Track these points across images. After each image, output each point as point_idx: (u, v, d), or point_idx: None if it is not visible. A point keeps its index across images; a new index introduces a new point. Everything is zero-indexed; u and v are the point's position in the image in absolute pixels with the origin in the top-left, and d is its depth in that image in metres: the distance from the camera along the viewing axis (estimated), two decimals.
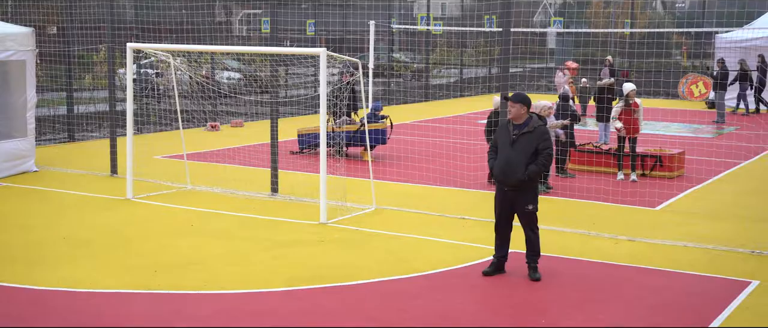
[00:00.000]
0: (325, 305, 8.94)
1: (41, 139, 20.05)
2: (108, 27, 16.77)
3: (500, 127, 10.17)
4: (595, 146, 17.46)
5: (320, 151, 12.91)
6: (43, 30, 22.25)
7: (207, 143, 20.36)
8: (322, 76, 12.85)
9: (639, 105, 15.75)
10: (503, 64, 12.95)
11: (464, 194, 14.86)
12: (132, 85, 14.72)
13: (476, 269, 10.20)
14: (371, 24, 27.50)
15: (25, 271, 10.01)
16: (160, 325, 8.25)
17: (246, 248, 11.19)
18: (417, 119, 26.37)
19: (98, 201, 14.02)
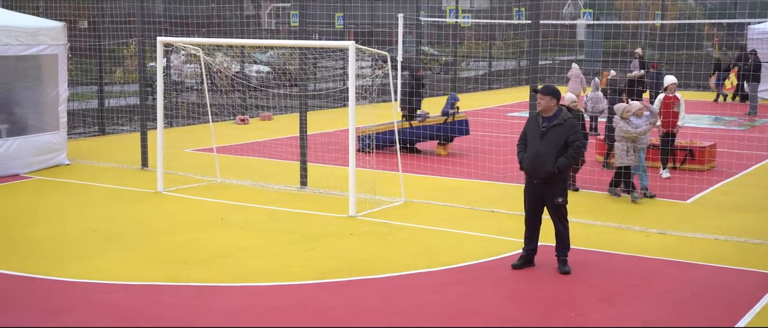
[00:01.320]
0: (354, 298, 8.96)
1: (73, 132, 20.23)
2: (138, 21, 16.88)
3: (529, 119, 10.13)
4: None
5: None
6: (74, 24, 22.44)
7: (236, 137, 20.45)
8: (351, 69, 12.85)
9: (679, 99, 15.23)
10: (533, 56, 12.90)
11: (493, 187, 14.82)
12: (162, 79, 14.80)
13: (505, 263, 10.18)
14: (400, 17, 27.46)
15: (57, 263, 10.11)
16: (191, 317, 8.30)
17: (275, 240, 11.23)
18: None
19: (129, 194, 14.13)
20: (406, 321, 8.27)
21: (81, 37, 21.95)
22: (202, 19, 25.85)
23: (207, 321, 8.20)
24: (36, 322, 8.16)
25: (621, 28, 34.09)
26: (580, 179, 14.45)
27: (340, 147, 18.18)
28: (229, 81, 22.02)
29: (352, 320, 8.32)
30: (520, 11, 36.51)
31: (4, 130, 15.81)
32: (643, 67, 24.40)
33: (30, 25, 15.90)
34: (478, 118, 24.28)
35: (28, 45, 15.73)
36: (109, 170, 16.26)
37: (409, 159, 16.24)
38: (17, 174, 15.54)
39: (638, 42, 32.76)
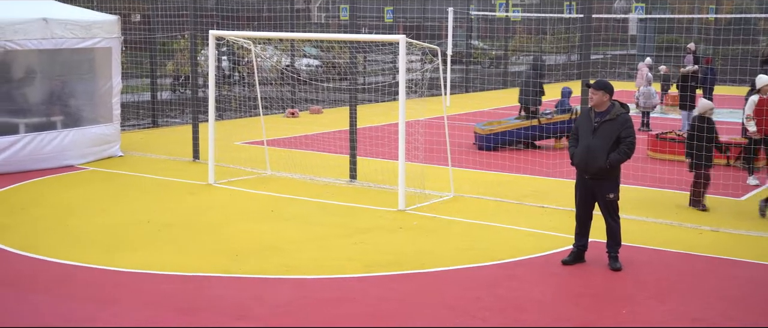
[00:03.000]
0: (403, 292, 8.97)
1: (126, 124, 20.50)
2: (191, 14, 17.04)
3: (581, 114, 10.05)
4: (677, 134, 17.14)
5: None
6: (127, 18, 22.72)
7: (286, 130, 20.56)
8: (402, 63, 12.85)
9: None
10: (584, 50, 12.78)
11: (544, 182, 14.73)
12: (214, 71, 14.93)
13: (555, 258, 10.11)
14: (450, 11, 27.39)
15: (109, 253, 10.26)
16: (242, 309, 8.37)
17: (325, 233, 11.28)
18: (495, 107, 26.21)
19: (180, 186, 14.29)
20: (455, 316, 8.26)
21: (134, 30, 22.22)
22: (253, 12, 26.03)
23: (258, 313, 8.27)
24: (88, 311, 8.29)
25: (674, 23, 33.63)
26: (632, 176, 14.29)
27: (389, 141, 18.20)
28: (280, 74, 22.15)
29: (402, 313, 8.33)
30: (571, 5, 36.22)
31: (59, 122, 16.07)
32: (696, 63, 24.06)
33: (85, 19, 16.13)
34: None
35: (83, 38, 15.95)
36: (161, 162, 16.45)
37: (458, 154, 16.19)
38: (72, 165, 15.79)
39: (691, 37, 32.30)
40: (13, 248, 10.42)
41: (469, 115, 23.97)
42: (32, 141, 15.35)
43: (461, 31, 35.13)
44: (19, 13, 15.17)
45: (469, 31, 35.48)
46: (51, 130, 15.77)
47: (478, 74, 33.71)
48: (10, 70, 15.90)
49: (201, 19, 19.50)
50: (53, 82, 16.42)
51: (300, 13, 32.47)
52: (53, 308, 8.36)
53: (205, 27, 19.63)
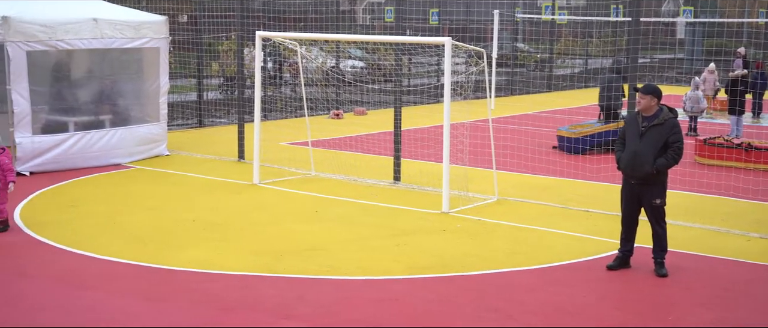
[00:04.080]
0: (446, 294, 8.96)
1: (172, 124, 20.71)
2: (238, 15, 17.18)
3: (628, 119, 9.97)
4: (725, 140, 16.93)
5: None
6: (174, 18, 22.96)
7: (330, 131, 20.64)
8: (447, 65, 12.84)
9: None
10: (632, 54, 12.68)
11: (589, 186, 14.63)
12: (260, 72, 15.04)
13: (600, 263, 10.05)
14: (495, 13, 27.31)
15: (155, 251, 10.38)
16: (286, 308, 8.43)
17: (368, 234, 11.31)
18: (540, 110, 26.08)
19: (226, 185, 14.41)
20: (498, 319, 8.24)
21: (181, 30, 22.45)
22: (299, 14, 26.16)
23: (301, 313, 8.32)
24: (135, 307, 8.40)
25: (723, 27, 33.19)
26: (679, 182, 14.13)
27: (433, 143, 18.19)
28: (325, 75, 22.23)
29: (445, 315, 8.33)
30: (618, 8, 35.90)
31: (108, 121, 16.29)
32: (746, 67, 23.75)
33: (134, 19, 16.33)
34: (574, 116, 24.01)
35: (132, 38, 16.15)
36: (207, 162, 16.60)
37: (503, 157, 16.14)
38: (119, 164, 15.99)
39: (741, 41, 31.87)
40: (63, 244, 10.59)
41: (514, 118, 23.87)
42: (81, 139, 15.58)
43: (506, 33, 34.98)
44: (70, 13, 15.41)
45: (514, 33, 35.32)
46: (99, 128, 16.00)
47: (523, 77, 33.56)
48: (60, 69, 16.17)
49: (247, 20, 19.66)
50: (102, 82, 16.66)
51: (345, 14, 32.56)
52: (101, 304, 8.48)
53: (251, 28, 19.78)
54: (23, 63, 14.60)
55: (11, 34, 14.38)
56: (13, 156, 14.68)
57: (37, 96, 15.13)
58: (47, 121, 15.57)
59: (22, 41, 14.54)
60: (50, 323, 7.99)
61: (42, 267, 9.71)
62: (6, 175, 11.07)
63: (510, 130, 20.91)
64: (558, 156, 17.13)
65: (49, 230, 11.22)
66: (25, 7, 15.03)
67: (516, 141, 18.82)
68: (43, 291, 8.88)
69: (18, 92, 14.62)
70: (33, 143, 14.92)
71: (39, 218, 11.93)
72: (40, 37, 14.77)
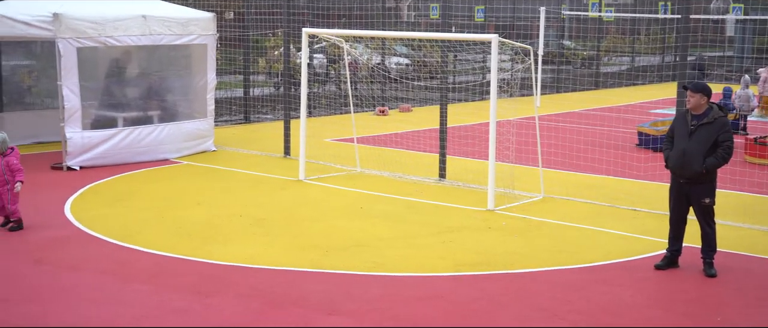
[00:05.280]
0: (492, 292, 8.94)
1: (219, 120, 20.88)
2: (284, 12, 17.27)
3: (677, 117, 9.87)
4: None
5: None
6: (221, 15, 23.15)
7: (376, 127, 20.67)
8: (494, 62, 12.79)
9: None
10: (681, 52, 12.54)
11: (636, 185, 14.50)
12: (306, 69, 15.10)
13: (647, 263, 9.95)
14: (542, 10, 27.14)
15: (202, 245, 10.48)
16: (333, 304, 8.47)
17: (414, 231, 11.31)
18: (587, 107, 25.89)
19: (272, 181, 14.50)
20: (544, 318, 8.20)
21: (227, 27, 22.62)
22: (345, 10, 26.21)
23: (347, 309, 8.35)
24: (183, 301, 8.48)
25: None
26: (729, 181, 13.95)
27: (479, 140, 18.14)
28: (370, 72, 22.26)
29: (491, 313, 8.31)
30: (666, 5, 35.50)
31: (156, 117, 16.47)
32: None
33: (182, 16, 16.49)
34: (621, 114, 23.80)
35: (180, 35, 16.31)
36: (253, 157, 16.72)
37: (549, 154, 16.05)
38: (167, 159, 16.17)
39: None
40: (112, 238, 10.73)
41: (560, 115, 23.74)
42: (130, 135, 15.77)
43: (553, 30, 34.75)
44: (119, 10, 15.61)
45: (560, 30, 35.08)
46: (148, 124, 16.19)
47: (570, 75, 33.34)
48: (109, 65, 16.38)
49: (293, 17, 19.76)
50: (151, 78, 16.86)
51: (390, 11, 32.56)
52: (149, 297, 8.59)
53: (297, 25, 19.87)
54: (74, 59, 14.82)
55: (62, 31, 14.60)
56: (64, 151, 14.94)
57: (87, 92, 15.35)
58: (97, 116, 15.79)
59: (72, 38, 14.74)
60: (98, 316, 8.11)
61: (92, 261, 9.85)
62: (15, 174, 10.92)
63: (556, 128, 20.78)
64: (605, 154, 16.98)
65: (98, 224, 11.38)
66: (76, 4, 15.25)
67: (562, 139, 18.70)
68: (93, 284, 9.01)
69: (68, 88, 14.84)
70: (83, 138, 15.13)
71: (89, 212, 12.11)
72: (90, 33, 14.97)
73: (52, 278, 9.21)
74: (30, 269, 9.54)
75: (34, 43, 17.71)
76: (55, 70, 15.19)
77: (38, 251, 10.17)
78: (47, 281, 9.10)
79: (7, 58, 17.86)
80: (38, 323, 7.90)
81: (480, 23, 30.32)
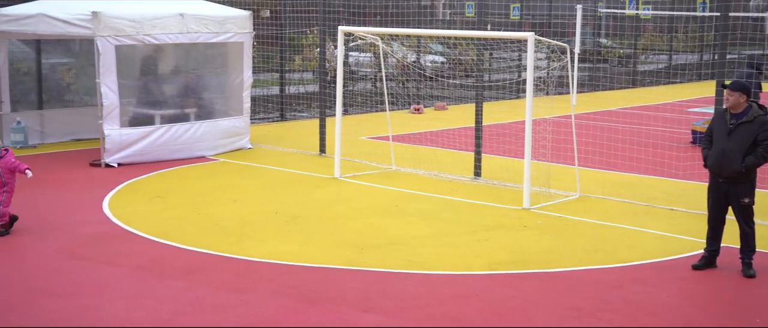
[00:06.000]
0: (527, 290, 8.91)
1: (255, 117, 20.98)
2: (320, 10, 17.32)
3: (716, 116, 9.77)
4: None
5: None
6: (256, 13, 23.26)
7: (411, 126, 20.67)
8: (530, 60, 12.74)
9: None
10: (720, 50, 12.42)
11: (673, 184, 14.38)
12: (342, 67, 15.13)
13: (685, 263, 9.86)
14: (578, 8, 26.98)
15: (238, 242, 10.54)
16: (368, 301, 8.48)
17: (448, 230, 11.30)
18: (623, 106, 25.71)
19: (307, 179, 14.55)
20: (581, 317, 8.16)
21: (262, 25, 22.72)
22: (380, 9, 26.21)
23: (383, 306, 8.36)
24: (219, 297, 8.54)
25: None
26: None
27: (514, 138, 18.06)
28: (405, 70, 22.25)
29: (527, 312, 8.28)
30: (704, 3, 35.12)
31: (193, 114, 16.59)
32: None
33: (218, 14, 16.59)
34: (659, 113, 23.61)
35: (217, 33, 16.41)
36: (289, 155, 16.78)
37: (585, 153, 15.95)
38: (203, 156, 16.27)
39: None
40: (149, 234, 10.83)
41: (597, 114, 23.60)
42: (167, 132, 15.89)
43: (589, 28, 34.52)
44: (157, 8, 15.74)
45: (597, 28, 34.85)
46: (185, 121, 16.30)
47: (606, 73, 33.10)
48: (147, 63, 16.53)
49: (329, 15, 19.79)
50: (188, 76, 16.98)
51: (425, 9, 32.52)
52: (185, 293, 8.65)
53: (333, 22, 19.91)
54: (112, 57, 14.96)
55: (101, 29, 14.75)
56: (102, 148, 15.09)
57: (124, 89, 15.50)
58: (134, 114, 15.94)
59: (111, 36, 14.89)
60: (132, 310, 8.18)
61: (129, 256, 9.94)
62: (14, 174, 10.71)
63: (592, 126, 20.65)
64: (642, 153, 16.85)
65: (136, 220, 11.49)
66: (115, 3, 15.40)
67: (599, 137, 18.57)
68: (130, 280, 9.10)
69: (107, 86, 14.98)
70: (121, 135, 15.27)
71: (126, 208, 12.22)
72: (129, 31, 15.11)
73: (91, 273, 9.31)
74: (70, 263, 9.65)
75: (73, 41, 17.92)
76: (93, 68, 15.35)
77: (77, 247, 10.29)
78: (86, 276, 9.21)
79: (47, 56, 18.08)
80: (79, 316, 7.99)
81: (516, 21, 30.19)
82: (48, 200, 12.72)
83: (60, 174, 14.56)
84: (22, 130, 16.78)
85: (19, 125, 16.75)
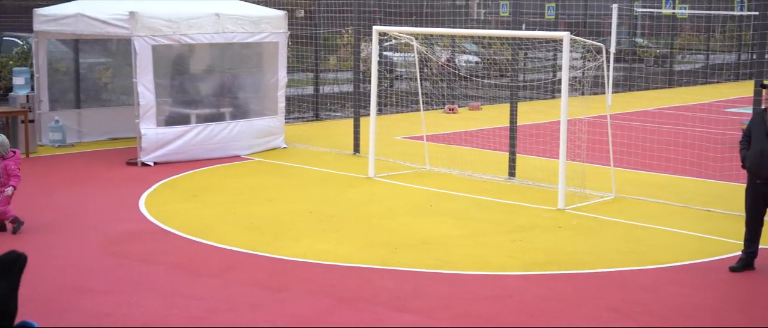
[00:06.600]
0: (562, 292, 8.87)
1: (289, 117, 21.06)
2: (355, 10, 17.35)
3: (754, 116, 9.68)
4: None
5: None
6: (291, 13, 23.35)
7: (445, 125, 20.64)
8: (565, 60, 12.68)
9: None
10: (759, 49, 12.28)
11: (710, 185, 14.24)
12: (377, 67, 15.15)
13: (722, 264, 9.77)
14: (614, 7, 26.78)
15: (273, 241, 10.59)
16: (402, 301, 8.48)
17: (482, 230, 11.28)
18: (660, 106, 25.50)
19: (342, 178, 14.58)
20: (616, 318, 8.11)
21: (297, 25, 22.79)
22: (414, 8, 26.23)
23: (417, 306, 8.35)
24: (254, 296, 8.58)
25: None
26: None
27: (549, 139, 17.98)
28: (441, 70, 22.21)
29: (562, 313, 8.24)
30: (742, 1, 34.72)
31: (228, 114, 16.68)
32: None
33: (254, 14, 16.67)
34: (696, 113, 23.39)
35: (252, 33, 16.49)
36: (323, 155, 16.83)
37: (620, 154, 15.84)
38: (238, 155, 16.36)
39: None
40: (185, 232, 10.91)
41: (632, 114, 23.42)
42: (203, 131, 15.99)
43: (625, 28, 34.27)
44: (193, 8, 15.85)
45: (632, 28, 34.58)
46: (220, 121, 16.40)
47: (642, 73, 32.85)
48: (183, 63, 16.65)
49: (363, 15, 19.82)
50: (223, 75, 17.08)
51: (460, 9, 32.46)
52: (221, 291, 8.71)
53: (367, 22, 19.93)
54: (149, 57, 15.08)
55: (138, 29, 14.88)
56: (139, 147, 15.22)
57: (161, 89, 15.62)
58: (170, 113, 16.06)
59: (148, 36, 15.01)
60: (168, 308, 8.25)
61: (164, 254, 10.03)
62: (10, 179, 10.62)
63: (628, 126, 20.51)
64: (679, 154, 16.71)
65: (172, 219, 11.58)
66: (152, 3, 15.53)
67: (634, 138, 18.44)
68: (166, 277, 9.18)
69: (143, 85, 15.11)
70: (157, 135, 15.40)
71: (162, 207, 12.32)
72: (165, 31, 15.22)
73: (128, 270, 9.40)
74: (108, 261, 9.75)
75: (110, 41, 18.10)
76: (130, 67, 15.49)
77: (114, 244, 10.39)
78: (124, 273, 9.30)
79: (85, 56, 18.28)
80: (116, 313, 8.07)
81: (551, 20, 30.05)
82: (85, 198, 12.87)
83: (97, 173, 14.71)
84: (60, 129, 16.98)
85: (57, 124, 16.95)
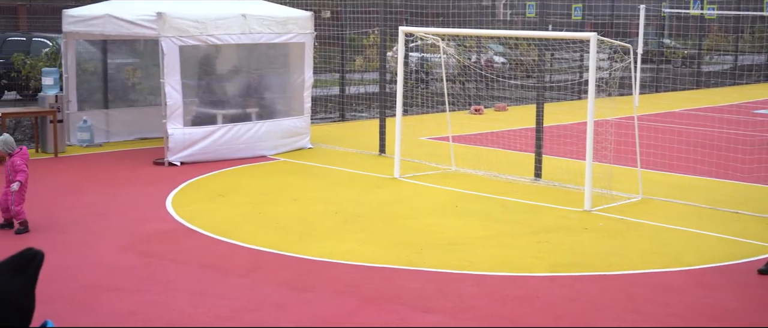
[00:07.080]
0: (589, 293, 8.83)
1: (315, 117, 21.11)
2: (381, 11, 17.37)
3: None
4: None
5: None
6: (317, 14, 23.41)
7: (471, 126, 20.61)
8: (592, 61, 12.63)
9: None
10: None
11: (738, 187, 14.13)
12: (402, 67, 15.16)
13: (750, 267, 9.69)
14: (641, 8, 26.63)
15: (298, 241, 10.62)
16: (427, 301, 8.49)
17: (508, 231, 11.26)
18: (687, 107, 25.33)
19: (367, 179, 14.60)
20: (643, 320, 8.06)
21: (323, 26, 22.85)
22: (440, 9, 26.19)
23: (442, 306, 8.36)
24: (280, 295, 8.62)
25: None
26: None
27: (576, 140, 17.91)
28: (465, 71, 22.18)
29: (588, 315, 8.21)
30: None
31: (254, 114, 16.75)
32: None
33: (280, 15, 16.73)
34: (724, 114, 23.22)
35: (279, 33, 16.55)
36: (348, 155, 16.86)
37: (647, 155, 15.75)
38: (264, 155, 16.43)
39: None
40: (212, 232, 10.97)
41: (659, 115, 23.28)
42: (229, 131, 16.07)
43: (652, 28, 34.05)
44: (220, 9, 15.93)
45: (660, 28, 34.36)
46: (246, 121, 16.47)
47: (670, 74, 32.63)
48: (210, 63, 16.74)
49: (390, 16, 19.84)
50: (250, 76, 17.16)
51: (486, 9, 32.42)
52: (247, 291, 8.75)
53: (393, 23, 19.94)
54: (176, 57, 15.18)
55: (166, 30, 14.97)
56: (166, 147, 15.31)
57: (188, 89, 15.72)
58: (197, 113, 16.15)
59: (175, 37, 15.11)
60: (196, 307, 8.30)
61: (192, 254, 10.08)
62: (16, 175, 10.64)
63: (655, 128, 20.39)
64: (706, 155, 16.59)
65: (198, 218, 11.65)
66: (179, 4, 15.63)
67: (661, 139, 18.34)
68: (193, 277, 9.23)
69: (171, 85, 15.20)
70: (184, 135, 15.49)
71: (189, 206, 12.40)
72: (192, 32, 15.31)
73: (156, 269, 9.47)
74: (134, 260, 9.82)
75: (137, 41, 18.23)
76: (157, 68, 15.59)
77: (141, 244, 10.47)
78: (151, 273, 9.36)
79: (113, 57, 18.42)
80: (145, 312, 8.13)
81: (577, 21, 29.93)
82: (112, 197, 12.96)
83: (124, 172, 14.82)
84: (89, 129, 17.12)
85: (86, 124, 17.09)
